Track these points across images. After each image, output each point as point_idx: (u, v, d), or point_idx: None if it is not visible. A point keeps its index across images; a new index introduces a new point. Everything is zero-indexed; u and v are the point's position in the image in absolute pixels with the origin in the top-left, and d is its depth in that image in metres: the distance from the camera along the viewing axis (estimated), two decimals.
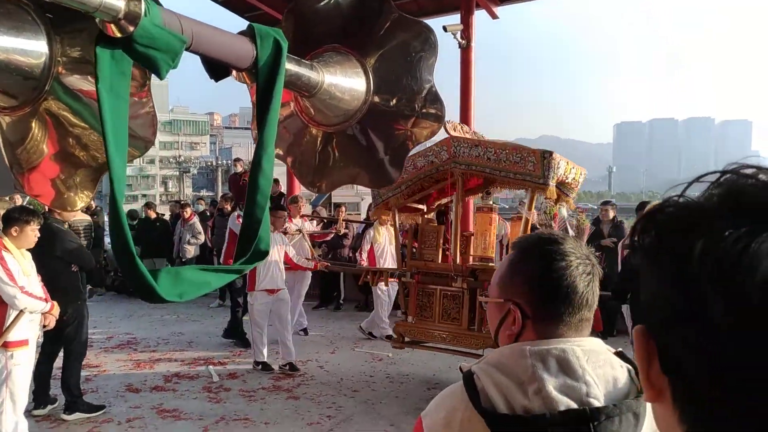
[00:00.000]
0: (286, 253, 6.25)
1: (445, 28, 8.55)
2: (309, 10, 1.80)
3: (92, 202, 12.16)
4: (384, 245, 7.40)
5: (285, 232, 6.63)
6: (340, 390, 5.48)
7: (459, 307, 5.27)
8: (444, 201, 6.15)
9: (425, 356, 6.58)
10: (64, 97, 1.48)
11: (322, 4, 1.79)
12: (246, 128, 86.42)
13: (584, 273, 1.06)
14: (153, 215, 10.90)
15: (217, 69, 1.44)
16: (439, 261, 5.45)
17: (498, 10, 9.49)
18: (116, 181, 1.17)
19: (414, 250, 5.78)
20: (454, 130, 5.35)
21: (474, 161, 5.04)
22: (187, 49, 1.24)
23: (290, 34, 1.56)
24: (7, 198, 8.23)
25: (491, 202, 5.36)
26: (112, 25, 1.12)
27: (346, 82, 1.67)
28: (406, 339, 5.54)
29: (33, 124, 1.54)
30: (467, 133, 5.51)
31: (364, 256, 7.42)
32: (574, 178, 5.31)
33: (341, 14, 1.76)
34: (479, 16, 9.43)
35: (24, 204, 6.95)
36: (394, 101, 1.73)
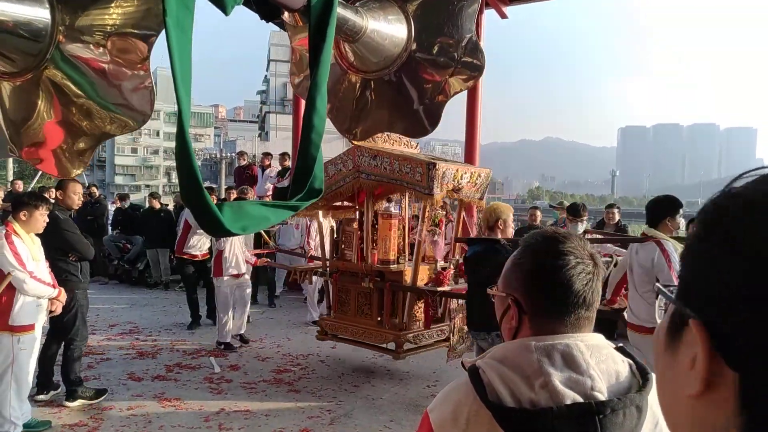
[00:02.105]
0: None
1: None
2: None
3: (96, 191, 12.23)
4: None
5: None
6: (340, 385, 5.50)
7: (369, 304, 5.61)
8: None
9: (425, 354, 6.61)
10: (62, 65, 1.49)
11: None
12: (251, 121, 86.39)
13: (582, 272, 1.08)
14: (157, 205, 10.93)
15: (267, 8, 1.44)
16: (356, 261, 5.67)
17: (507, 10, 9.49)
18: (183, 114, 1.19)
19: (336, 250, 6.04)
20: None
21: (374, 171, 5.29)
22: None
23: None
24: (8, 184, 8.22)
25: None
26: None
27: (388, 28, 1.65)
28: (329, 333, 5.96)
29: (37, 92, 1.56)
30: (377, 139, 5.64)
31: (312, 244, 8.03)
32: (470, 181, 5.41)
33: None
34: (488, 16, 9.44)
35: (30, 190, 6.97)
36: (435, 49, 1.71)
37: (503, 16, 9.45)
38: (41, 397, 4.81)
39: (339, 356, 6.46)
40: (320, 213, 6.10)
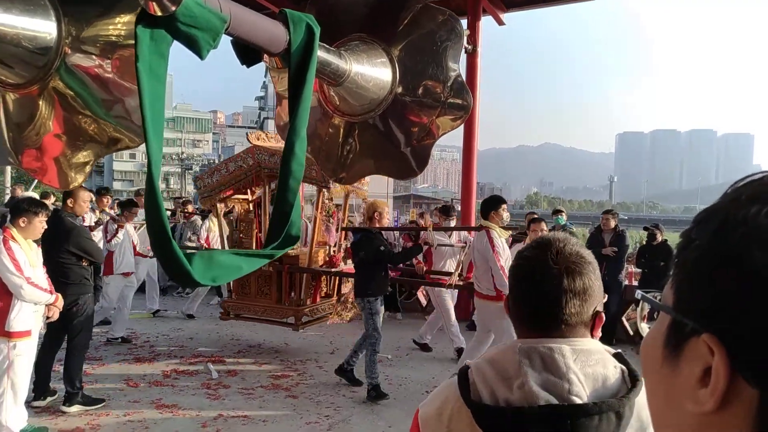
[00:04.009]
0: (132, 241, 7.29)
1: None
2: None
3: (93, 197, 12.22)
4: (216, 233, 8.39)
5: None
6: (338, 390, 5.49)
7: (270, 285, 6.34)
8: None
9: (424, 359, 6.61)
10: (66, 76, 1.48)
11: None
12: (250, 127, 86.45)
13: (557, 275, 1.06)
14: None
15: (248, 54, 1.43)
16: (255, 248, 6.37)
17: (504, 16, 9.54)
18: (153, 164, 1.17)
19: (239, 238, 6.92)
20: (258, 140, 6.44)
21: (274, 167, 5.84)
22: (225, 31, 1.23)
23: None
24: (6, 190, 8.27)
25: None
26: (154, 4, 1.11)
27: (373, 71, 1.65)
28: (231, 314, 6.68)
29: (40, 103, 1.54)
30: (271, 139, 6.62)
31: (203, 242, 8.70)
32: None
33: (366, 3, 1.74)
34: (486, 22, 9.49)
35: (29, 195, 6.98)
36: (420, 91, 1.70)
37: (500, 23, 9.50)
38: (38, 403, 4.79)
39: (337, 362, 6.44)
40: (219, 207, 6.80)
